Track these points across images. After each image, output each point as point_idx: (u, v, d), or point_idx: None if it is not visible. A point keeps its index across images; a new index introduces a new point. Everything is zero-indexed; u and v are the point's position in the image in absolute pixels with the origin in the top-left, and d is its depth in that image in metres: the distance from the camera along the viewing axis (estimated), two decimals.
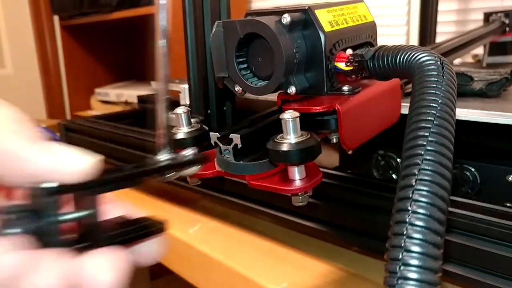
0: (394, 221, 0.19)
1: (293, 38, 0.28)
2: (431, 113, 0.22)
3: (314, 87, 0.30)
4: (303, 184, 0.27)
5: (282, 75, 0.28)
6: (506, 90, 0.48)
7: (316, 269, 0.40)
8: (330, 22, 0.30)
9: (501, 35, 0.80)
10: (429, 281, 0.17)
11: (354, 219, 0.37)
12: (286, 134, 0.26)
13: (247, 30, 0.29)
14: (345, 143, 0.29)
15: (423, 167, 0.20)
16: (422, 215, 0.18)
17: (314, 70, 0.30)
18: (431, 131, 0.21)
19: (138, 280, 1.05)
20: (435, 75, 0.24)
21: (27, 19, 1.77)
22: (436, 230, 0.18)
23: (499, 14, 0.81)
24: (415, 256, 0.18)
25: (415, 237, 0.18)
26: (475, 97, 0.46)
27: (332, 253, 0.42)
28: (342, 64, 0.30)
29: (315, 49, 0.29)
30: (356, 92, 0.30)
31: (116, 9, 1.43)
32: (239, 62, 0.31)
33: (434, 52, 0.26)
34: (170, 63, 0.27)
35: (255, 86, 0.30)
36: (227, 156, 0.31)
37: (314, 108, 0.28)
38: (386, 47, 0.28)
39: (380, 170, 0.51)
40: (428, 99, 0.22)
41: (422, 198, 0.19)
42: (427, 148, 0.20)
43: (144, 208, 0.46)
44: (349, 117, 0.29)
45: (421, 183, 0.19)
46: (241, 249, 0.44)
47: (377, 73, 0.29)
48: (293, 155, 0.26)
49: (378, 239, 0.36)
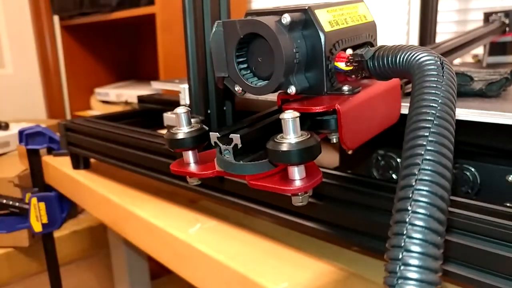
0: (394, 221, 0.19)
1: (293, 38, 0.28)
2: (431, 113, 0.22)
3: (314, 87, 0.30)
4: (303, 184, 0.27)
5: (282, 75, 0.28)
6: (506, 90, 0.48)
7: (316, 269, 0.40)
8: (330, 22, 0.30)
9: (501, 35, 0.80)
10: (429, 281, 0.17)
11: (354, 219, 0.37)
12: (286, 134, 0.26)
13: (247, 30, 0.29)
14: (345, 143, 0.29)
15: (423, 167, 0.20)
16: (422, 215, 0.18)
17: (314, 70, 0.30)
18: (431, 131, 0.21)
19: (138, 280, 1.05)
20: (435, 75, 0.24)
21: (27, 19, 1.78)
22: (436, 230, 0.18)
23: (499, 14, 0.81)
24: (415, 256, 0.18)
25: (415, 237, 0.18)
26: (475, 97, 0.46)
27: (332, 253, 0.42)
28: (342, 64, 0.30)
29: (315, 49, 0.29)
30: (356, 92, 0.30)
31: (116, 9, 1.43)
32: (239, 62, 0.31)
33: (434, 52, 0.26)
34: (170, 63, 0.27)
35: (255, 86, 0.30)
36: (227, 156, 0.31)
37: (314, 108, 0.28)
38: (386, 47, 0.28)
39: (380, 170, 0.51)
40: (428, 99, 0.22)
41: (422, 198, 0.19)
42: (427, 148, 0.20)
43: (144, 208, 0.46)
44: (349, 117, 0.29)
45: (421, 183, 0.19)
46: (241, 249, 0.44)
47: (377, 73, 0.29)
48: (293, 155, 0.26)
49: (378, 239, 0.36)
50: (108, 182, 0.67)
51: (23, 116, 1.65)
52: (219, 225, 0.50)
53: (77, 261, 1.13)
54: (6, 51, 1.74)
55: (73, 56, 1.79)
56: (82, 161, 0.73)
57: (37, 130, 0.84)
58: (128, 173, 0.60)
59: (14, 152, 1.15)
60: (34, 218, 0.87)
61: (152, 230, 0.52)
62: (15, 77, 1.77)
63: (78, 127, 0.68)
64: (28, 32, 1.78)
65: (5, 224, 0.97)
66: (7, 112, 1.67)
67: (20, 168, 1.01)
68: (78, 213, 1.14)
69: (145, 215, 0.53)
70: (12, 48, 1.75)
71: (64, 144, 0.72)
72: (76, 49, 1.79)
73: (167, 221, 0.51)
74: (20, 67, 1.78)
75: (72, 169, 0.74)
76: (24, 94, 1.80)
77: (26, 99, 1.81)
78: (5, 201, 0.95)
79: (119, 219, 0.60)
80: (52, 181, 0.84)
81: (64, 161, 0.77)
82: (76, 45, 1.79)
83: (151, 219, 0.52)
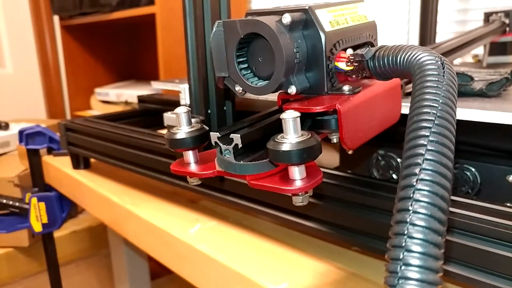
0: (395, 220, 0.19)
1: (294, 38, 0.28)
2: (432, 113, 0.22)
3: (315, 87, 0.30)
4: (303, 184, 0.27)
5: (283, 75, 0.28)
6: (506, 90, 0.48)
7: (316, 269, 0.40)
8: (331, 22, 0.30)
9: (501, 35, 0.80)
10: (430, 281, 0.17)
11: (354, 219, 0.37)
12: (286, 134, 0.26)
13: (248, 30, 0.29)
14: (345, 143, 0.29)
15: (424, 166, 0.20)
16: (423, 215, 0.18)
17: (315, 70, 0.29)
18: (432, 131, 0.21)
19: (138, 280, 1.05)
20: (436, 75, 0.24)
21: (27, 19, 1.78)
22: (437, 230, 0.18)
23: (499, 14, 0.81)
24: (416, 256, 0.18)
25: (416, 237, 0.18)
26: (475, 97, 0.46)
27: (332, 253, 0.42)
28: (343, 64, 0.29)
29: (315, 49, 0.29)
30: (356, 92, 0.30)
31: (116, 9, 1.43)
32: (240, 62, 0.31)
33: (434, 52, 0.26)
34: (170, 63, 0.27)
35: (255, 86, 0.30)
36: (228, 156, 0.31)
37: (314, 108, 0.28)
38: (387, 47, 0.28)
39: (380, 170, 0.51)
40: (429, 99, 0.22)
41: (423, 197, 0.19)
42: (428, 148, 0.20)
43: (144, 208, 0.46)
44: (350, 117, 0.29)
45: (422, 182, 0.19)
46: (241, 249, 0.44)
47: (378, 73, 0.29)
48: (293, 155, 0.26)
49: (378, 239, 0.36)
50: (108, 182, 0.67)
51: (23, 116, 1.65)
52: (219, 225, 0.50)
53: (77, 261, 1.13)
54: (6, 51, 1.74)
55: (73, 56, 1.79)
56: (82, 161, 0.73)
57: (37, 130, 0.84)
58: (128, 173, 0.60)
59: (14, 152, 1.15)
60: (34, 218, 0.87)
61: (152, 230, 0.52)
62: (15, 77, 1.77)
63: (78, 127, 0.68)
64: (28, 32, 1.78)
65: (5, 224, 0.97)
66: (7, 112, 1.67)
67: (20, 168, 1.00)
68: (78, 213, 1.14)
69: (145, 215, 0.53)
70: (12, 48, 1.75)
71: (64, 144, 0.72)
72: (76, 49, 1.79)
73: (167, 221, 0.51)
74: (20, 67, 1.78)
75: (72, 169, 0.74)
76: (24, 94, 1.80)
77: (26, 99, 1.81)
78: (5, 201, 0.95)
79: (119, 219, 0.60)
80: (52, 181, 0.84)
81: (64, 161, 0.77)
82: (76, 45, 1.79)
83: (151, 219, 0.52)
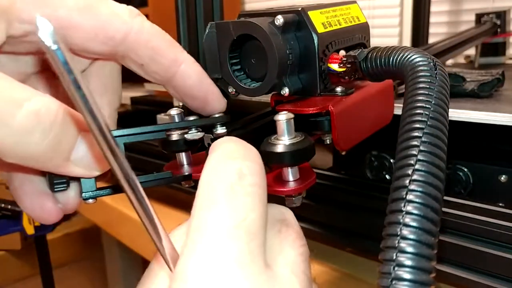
0: (388, 221, 0.19)
1: (286, 39, 0.28)
2: (424, 113, 0.22)
3: (308, 88, 0.30)
4: (297, 185, 0.27)
5: (275, 77, 0.28)
6: (498, 90, 0.48)
7: None
8: (323, 23, 0.30)
9: (493, 36, 0.80)
10: (423, 281, 0.17)
11: (348, 220, 0.37)
12: (280, 135, 0.26)
13: (240, 31, 0.29)
14: (338, 144, 0.29)
15: (416, 167, 0.20)
16: (416, 216, 0.19)
17: (308, 71, 0.30)
18: (424, 132, 0.21)
19: (133, 283, 1.05)
20: (428, 76, 0.24)
21: None
22: (430, 231, 0.18)
23: (490, 15, 0.81)
24: (409, 256, 0.18)
25: (409, 238, 0.18)
26: (468, 97, 0.46)
27: (325, 254, 0.42)
28: (335, 65, 0.30)
29: (308, 50, 0.29)
30: (349, 93, 0.30)
31: None
32: (233, 64, 0.31)
33: (426, 53, 0.26)
34: None
35: (248, 87, 0.30)
36: None
37: (307, 109, 0.28)
38: (379, 48, 0.29)
39: (373, 171, 0.51)
40: (421, 100, 0.22)
41: (416, 198, 0.19)
42: (420, 149, 0.20)
43: None
44: (343, 118, 0.29)
45: (415, 183, 0.19)
46: None
47: (370, 74, 0.29)
48: (287, 157, 0.26)
49: (371, 240, 0.36)
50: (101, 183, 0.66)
51: None
52: None
53: (70, 264, 1.13)
54: None
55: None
56: None
57: None
58: None
59: None
60: (27, 220, 0.87)
61: (146, 233, 0.52)
62: None
63: None
64: None
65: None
66: None
67: None
68: (71, 215, 1.13)
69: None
70: None
71: None
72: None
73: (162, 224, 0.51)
74: None
75: None
76: None
77: None
78: None
79: (113, 221, 0.59)
80: None
81: None
82: None
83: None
